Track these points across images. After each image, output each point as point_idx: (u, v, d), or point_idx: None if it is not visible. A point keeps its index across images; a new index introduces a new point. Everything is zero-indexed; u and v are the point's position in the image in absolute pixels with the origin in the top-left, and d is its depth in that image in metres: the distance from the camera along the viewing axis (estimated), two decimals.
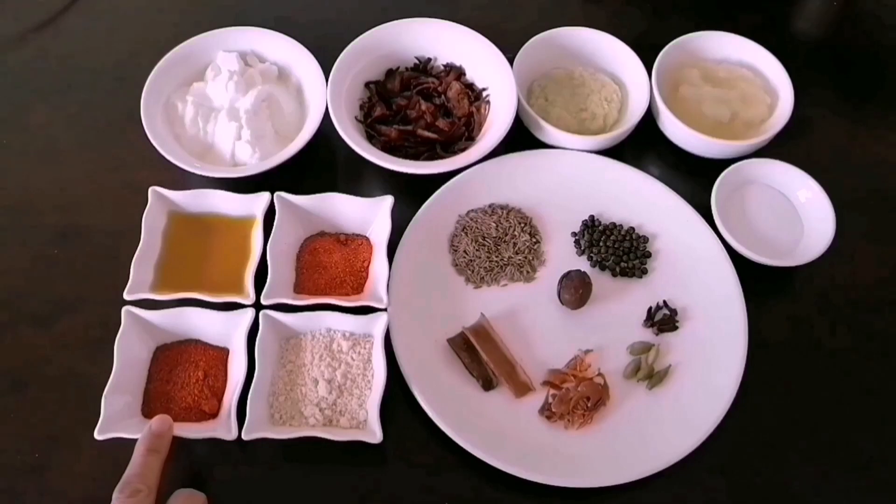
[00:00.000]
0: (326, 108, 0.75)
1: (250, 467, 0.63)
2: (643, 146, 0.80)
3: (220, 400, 0.65)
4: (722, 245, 0.73)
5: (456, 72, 0.82)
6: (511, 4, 0.92)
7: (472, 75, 0.82)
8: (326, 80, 0.77)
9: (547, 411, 0.66)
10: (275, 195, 0.71)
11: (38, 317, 0.70)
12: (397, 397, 0.66)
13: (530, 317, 0.71)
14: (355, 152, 0.73)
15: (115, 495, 0.55)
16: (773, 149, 0.78)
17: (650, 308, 0.72)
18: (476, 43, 0.81)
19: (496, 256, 0.73)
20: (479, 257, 0.73)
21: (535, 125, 0.78)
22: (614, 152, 0.78)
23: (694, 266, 0.73)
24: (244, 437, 0.61)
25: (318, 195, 0.71)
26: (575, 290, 0.70)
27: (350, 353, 0.66)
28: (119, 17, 0.89)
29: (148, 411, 0.64)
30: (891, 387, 0.70)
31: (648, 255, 0.74)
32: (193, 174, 0.73)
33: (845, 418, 0.68)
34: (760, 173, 0.77)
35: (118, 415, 0.62)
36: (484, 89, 0.81)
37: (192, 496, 0.59)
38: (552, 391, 0.67)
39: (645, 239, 0.75)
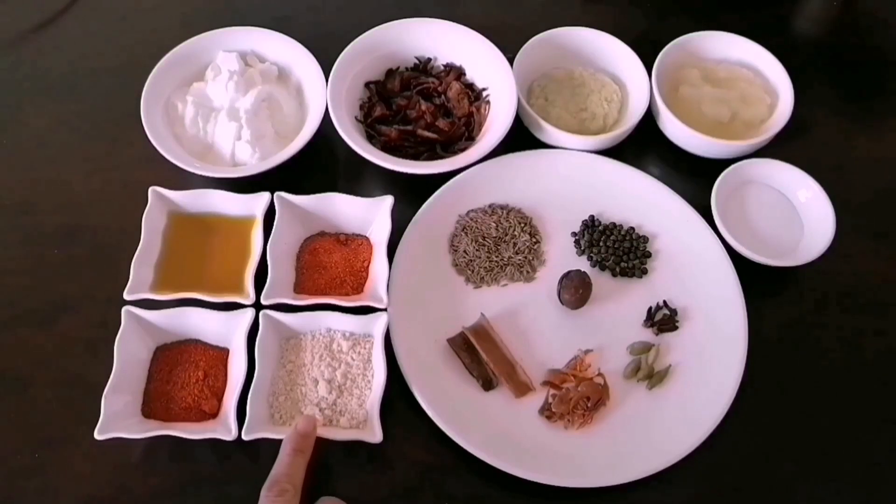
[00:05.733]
0: (326, 108, 0.75)
1: (250, 467, 0.63)
2: (643, 146, 0.80)
3: (220, 400, 0.65)
4: (722, 245, 0.73)
5: (456, 72, 0.82)
6: (511, 4, 0.92)
7: (472, 75, 0.82)
8: (326, 80, 0.77)
9: (547, 411, 0.66)
10: (275, 195, 0.71)
11: (38, 317, 0.70)
12: (397, 397, 0.66)
13: (530, 317, 0.71)
14: (355, 152, 0.73)
15: (263, 493, 0.55)
16: (773, 149, 0.78)
17: (650, 308, 0.72)
18: (476, 43, 0.81)
19: (496, 256, 0.73)
20: (479, 257, 0.73)
21: (535, 125, 0.78)
22: (614, 152, 0.78)
23: (694, 266, 0.73)
24: (244, 437, 0.61)
25: (318, 195, 0.71)
26: (575, 290, 0.70)
27: (350, 353, 0.66)
28: (119, 17, 0.89)
29: (148, 411, 0.64)
30: (891, 386, 0.70)
31: (648, 255, 0.74)
32: (193, 174, 0.73)
33: (845, 418, 0.68)
34: (760, 173, 0.77)
35: (118, 415, 0.62)
36: (484, 89, 0.81)
37: None
38: (552, 391, 0.67)
39: (645, 239, 0.75)
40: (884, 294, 0.75)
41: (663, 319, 0.71)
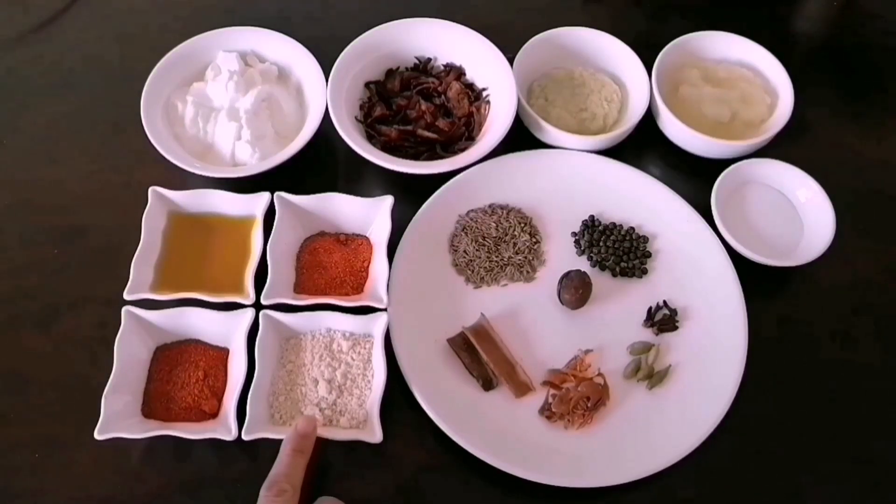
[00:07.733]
0: (326, 108, 0.75)
1: (250, 467, 0.63)
2: (643, 146, 0.80)
3: (220, 400, 0.65)
4: (722, 245, 0.73)
5: (456, 72, 0.82)
6: (511, 4, 0.92)
7: (472, 75, 0.82)
8: (326, 80, 0.77)
9: (547, 411, 0.66)
10: (275, 195, 0.71)
11: (38, 317, 0.70)
12: (397, 397, 0.66)
13: (530, 317, 0.71)
14: (355, 152, 0.73)
15: (262, 493, 0.55)
16: (773, 149, 0.78)
17: (650, 308, 0.72)
18: (476, 43, 0.81)
19: (496, 256, 0.73)
20: (479, 257, 0.73)
21: (535, 125, 0.78)
22: (614, 152, 0.78)
23: (694, 266, 0.73)
24: (244, 437, 0.61)
25: (318, 195, 0.71)
26: (575, 290, 0.70)
27: (350, 353, 0.66)
28: (119, 17, 0.89)
29: (148, 411, 0.64)
30: (890, 387, 0.70)
31: (648, 255, 0.74)
32: (193, 174, 0.73)
33: (844, 418, 0.68)
34: (760, 173, 0.77)
35: (118, 415, 0.62)
36: (484, 89, 0.81)
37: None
38: (552, 391, 0.67)
39: (645, 239, 0.75)
40: (883, 294, 0.75)
41: (663, 319, 0.71)
